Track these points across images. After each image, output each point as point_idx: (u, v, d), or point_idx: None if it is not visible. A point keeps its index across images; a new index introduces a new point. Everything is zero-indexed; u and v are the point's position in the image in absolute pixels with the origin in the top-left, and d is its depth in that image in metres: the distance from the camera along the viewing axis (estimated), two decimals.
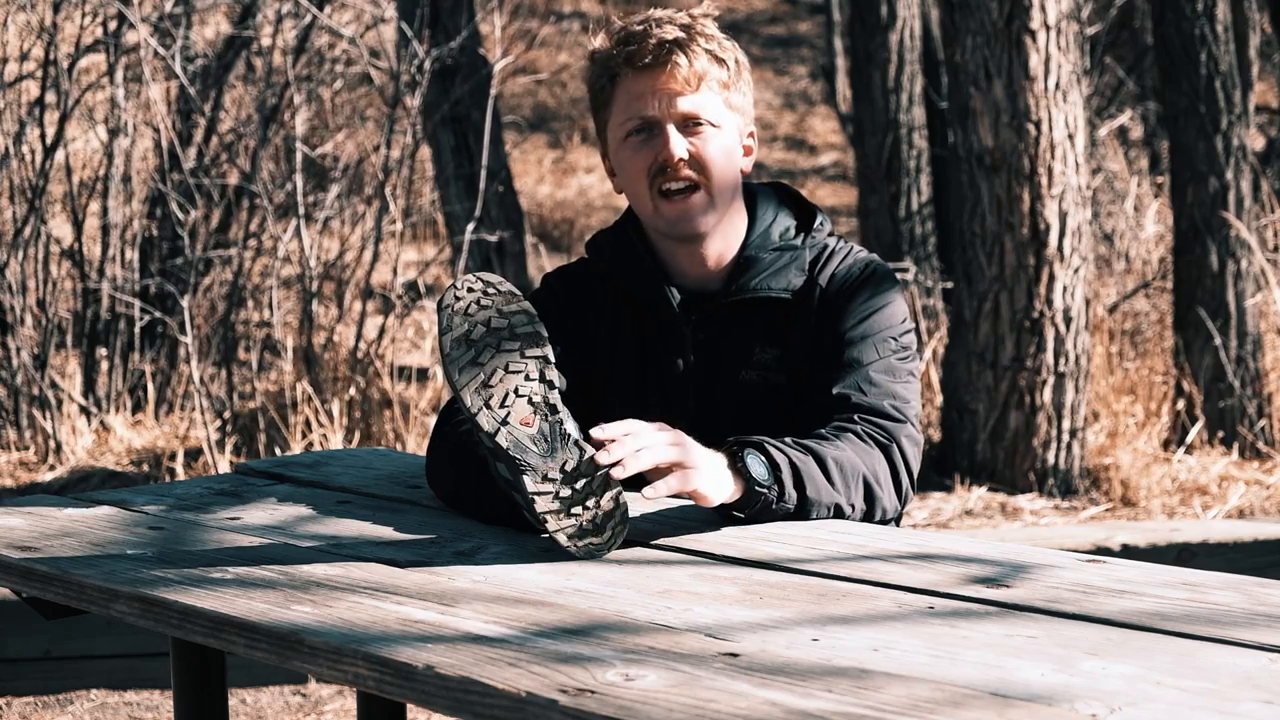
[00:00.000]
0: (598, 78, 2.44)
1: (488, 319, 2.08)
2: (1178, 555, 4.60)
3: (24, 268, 6.34)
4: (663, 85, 2.37)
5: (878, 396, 2.33)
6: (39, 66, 6.63)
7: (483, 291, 2.10)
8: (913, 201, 8.09)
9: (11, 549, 2.18)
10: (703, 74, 2.37)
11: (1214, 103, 6.40)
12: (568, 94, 13.42)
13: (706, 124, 2.39)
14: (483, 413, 2.03)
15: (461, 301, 2.09)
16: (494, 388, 2.04)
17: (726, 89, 2.40)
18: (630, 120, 2.40)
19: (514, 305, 2.10)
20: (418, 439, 5.72)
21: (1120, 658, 1.60)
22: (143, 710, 4.23)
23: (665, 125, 2.37)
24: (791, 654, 1.63)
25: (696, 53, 2.37)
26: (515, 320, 2.09)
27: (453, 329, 2.07)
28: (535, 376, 2.05)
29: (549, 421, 2.04)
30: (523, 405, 2.04)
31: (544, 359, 2.07)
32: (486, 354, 2.06)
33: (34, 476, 5.85)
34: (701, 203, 2.40)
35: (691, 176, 2.39)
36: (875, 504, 2.27)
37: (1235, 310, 6.35)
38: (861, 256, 2.46)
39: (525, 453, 2.02)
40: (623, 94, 2.40)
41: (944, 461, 5.87)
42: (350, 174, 7.29)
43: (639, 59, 2.37)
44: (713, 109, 2.39)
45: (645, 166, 2.39)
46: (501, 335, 2.07)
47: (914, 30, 8.11)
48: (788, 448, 2.19)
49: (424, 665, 1.62)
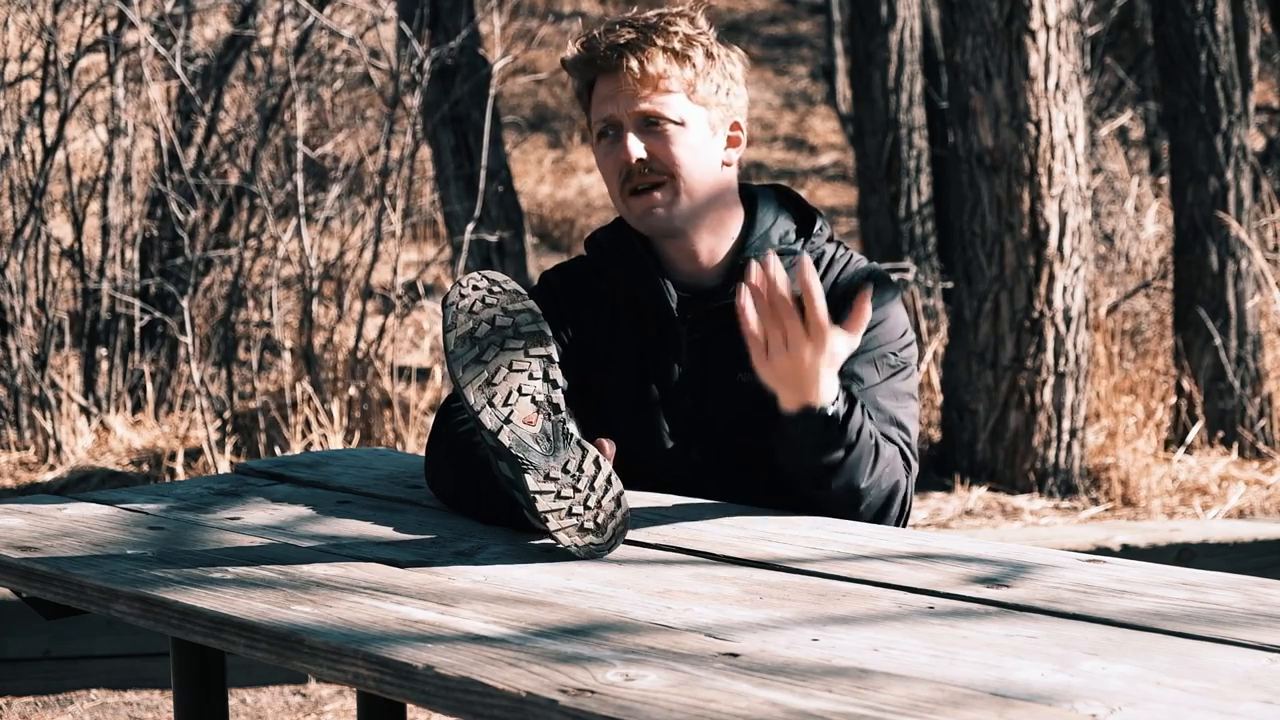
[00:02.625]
0: (576, 83, 2.49)
1: (492, 317, 2.08)
2: (1178, 555, 4.60)
3: (24, 268, 6.34)
4: (621, 88, 2.40)
5: (880, 423, 2.34)
6: (39, 66, 6.64)
7: (488, 289, 2.10)
8: (913, 201, 8.09)
9: (11, 549, 2.18)
10: (659, 74, 2.39)
11: (1214, 103, 6.40)
12: (568, 94, 13.41)
13: (667, 122, 2.40)
14: (486, 410, 2.03)
15: (466, 299, 2.09)
16: (497, 386, 2.04)
17: (692, 85, 2.41)
18: (599, 123, 2.44)
19: (519, 304, 2.10)
20: (418, 439, 5.72)
21: (1120, 658, 1.60)
22: (143, 710, 4.23)
23: (624, 128, 2.40)
24: (791, 654, 1.63)
25: (651, 54, 2.39)
26: (520, 319, 2.08)
27: (457, 326, 2.07)
28: (539, 375, 2.05)
29: (552, 421, 2.03)
30: (526, 404, 2.04)
31: (548, 358, 2.06)
32: (490, 352, 2.06)
33: (34, 476, 5.85)
34: (665, 198, 2.41)
35: (652, 177, 2.41)
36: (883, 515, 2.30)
37: (1235, 310, 6.36)
38: (862, 266, 2.46)
39: (528, 451, 2.02)
40: (596, 98, 2.45)
41: (944, 461, 5.87)
42: (350, 174, 7.30)
43: (601, 63, 2.42)
44: (674, 107, 2.40)
45: (614, 169, 2.43)
46: (506, 333, 2.07)
47: (914, 30, 8.11)
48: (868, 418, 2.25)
49: (424, 665, 1.62)
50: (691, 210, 2.43)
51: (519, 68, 12.02)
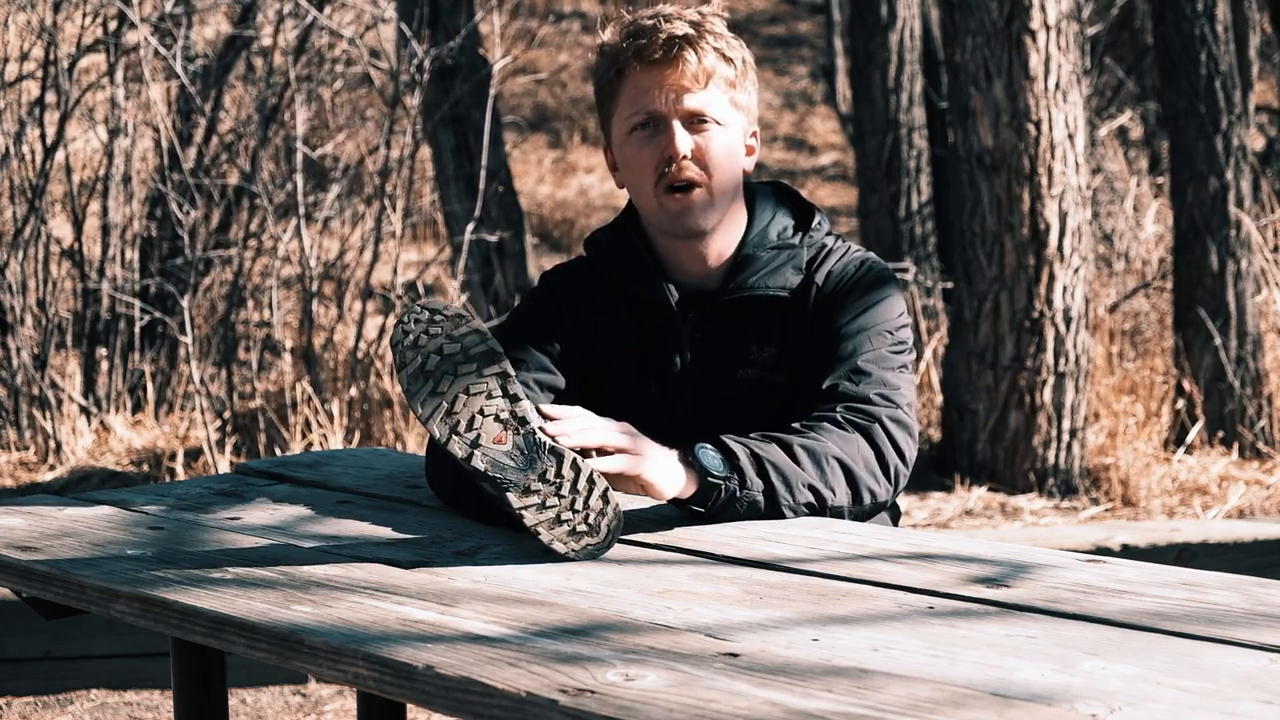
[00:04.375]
0: (605, 70, 2.43)
1: (439, 346, 2.08)
2: (1178, 555, 4.60)
3: (24, 268, 6.34)
4: (670, 81, 2.37)
5: (865, 385, 2.32)
6: (39, 66, 6.63)
7: (430, 320, 2.10)
8: (913, 201, 8.09)
9: (11, 549, 2.18)
10: (710, 71, 2.37)
11: (1214, 103, 6.40)
12: (568, 94, 13.42)
13: (712, 121, 2.39)
14: (453, 440, 2.03)
15: (410, 335, 2.09)
16: (459, 413, 2.04)
17: (733, 88, 2.41)
18: (636, 114, 2.40)
19: (463, 328, 2.09)
20: (418, 439, 5.72)
21: (1120, 658, 1.60)
22: (143, 710, 4.23)
23: (671, 121, 2.37)
24: (791, 654, 1.63)
25: (705, 50, 2.37)
26: (467, 342, 2.09)
27: (407, 364, 2.08)
28: (498, 393, 2.05)
29: (520, 434, 2.04)
30: (491, 424, 2.04)
31: (503, 374, 2.07)
32: (445, 382, 2.06)
33: (34, 476, 5.85)
34: (703, 199, 2.40)
35: (694, 174, 2.39)
36: (859, 486, 2.25)
37: (1235, 310, 6.35)
38: (858, 255, 2.46)
39: (504, 470, 2.02)
40: (629, 88, 2.40)
41: (944, 461, 5.87)
42: (350, 174, 7.30)
43: (648, 53, 2.37)
44: (718, 107, 2.39)
45: (650, 162, 2.39)
46: (456, 360, 2.07)
47: (914, 30, 8.11)
48: (748, 439, 2.19)
49: (424, 665, 1.62)
50: (718, 214, 2.43)
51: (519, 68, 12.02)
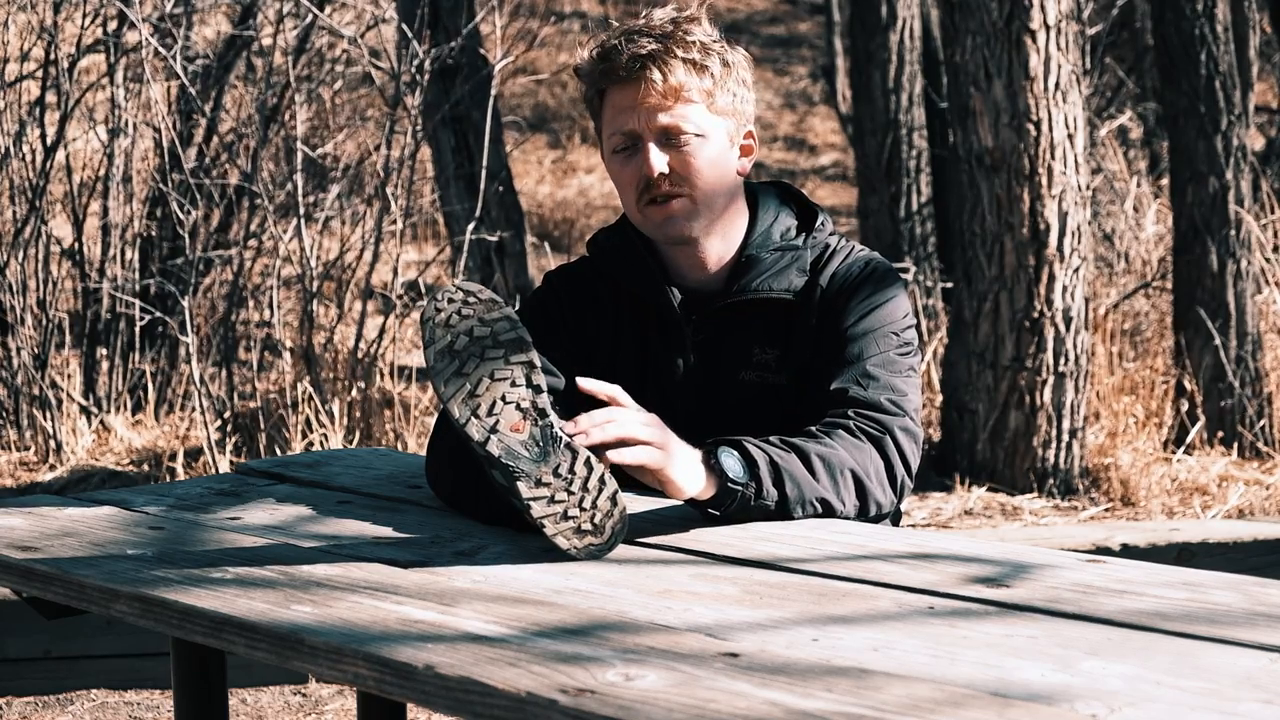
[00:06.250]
0: (587, 90, 2.46)
1: (470, 328, 2.07)
2: (1177, 555, 4.59)
3: (24, 268, 6.34)
4: (640, 100, 2.37)
5: (875, 390, 2.33)
6: (39, 66, 6.63)
7: (463, 301, 2.09)
8: (913, 201, 8.09)
9: (12, 549, 2.18)
10: (679, 87, 2.36)
11: (1214, 103, 6.40)
12: (568, 94, 13.42)
13: (689, 135, 2.38)
14: (471, 422, 2.02)
15: (442, 313, 2.08)
16: (480, 396, 2.04)
17: (710, 96, 2.39)
18: (614, 135, 2.41)
19: (496, 312, 2.09)
20: (418, 439, 5.72)
21: (1120, 658, 1.60)
22: (143, 710, 4.23)
23: (647, 142, 2.38)
24: (791, 654, 1.63)
25: (672, 66, 2.36)
26: (498, 327, 2.08)
27: (435, 341, 2.06)
28: (522, 382, 2.05)
29: (539, 426, 2.03)
30: (511, 411, 2.03)
31: (529, 364, 2.06)
32: (471, 363, 2.05)
33: (34, 476, 5.85)
34: (684, 209, 2.40)
35: (673, 190, 2.39)
36: (868, 499, 2.26)
37: (1235, 310, 6.35)
38: (862, 255, 2.46)
39: (517, 459, 2.02)
40: (609, 108, 2.42)
41: (944, 461, 5.87)
42: (350, 174, 7.29)
43: (616, 75, 2.38)
44: (695, 119, 2.39)
45: (630, 181, 2.41)
46: (485, 344, 2.07)
47: (914, 30, 8.11)
48: (769, 445, 2.19)
49: (424, 665, 1.62)
50: (708, 220, 2.43)
51: (519, 68, 12.01)
